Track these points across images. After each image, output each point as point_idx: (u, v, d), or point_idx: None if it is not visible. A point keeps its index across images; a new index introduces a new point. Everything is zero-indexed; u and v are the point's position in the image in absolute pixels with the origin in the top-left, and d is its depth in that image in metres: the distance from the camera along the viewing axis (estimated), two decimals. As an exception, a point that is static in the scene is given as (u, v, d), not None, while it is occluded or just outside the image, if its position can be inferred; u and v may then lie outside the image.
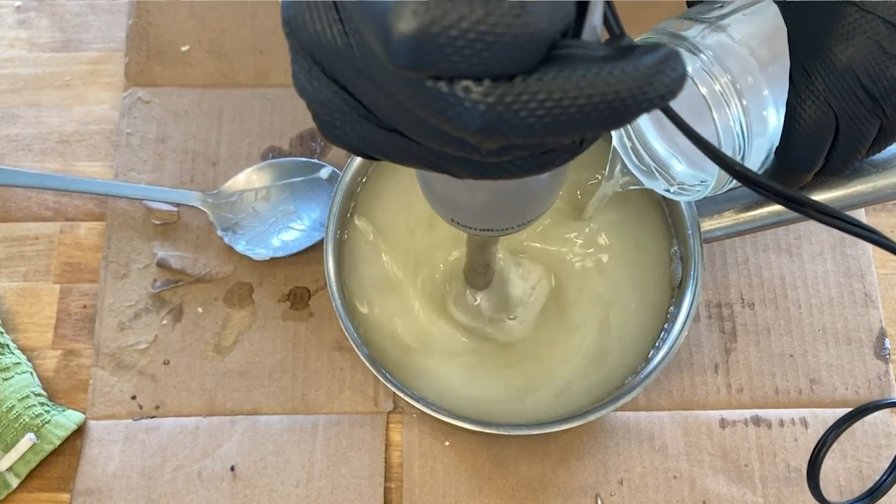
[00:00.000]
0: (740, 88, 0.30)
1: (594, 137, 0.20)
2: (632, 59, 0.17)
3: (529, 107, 0.17)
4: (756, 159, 0.32)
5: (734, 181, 0.33)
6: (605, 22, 0.20)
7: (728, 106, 0.30)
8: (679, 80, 0.18)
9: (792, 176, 0.33)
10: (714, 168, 0.32)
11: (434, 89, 0.17)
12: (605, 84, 0.17)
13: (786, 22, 0.31)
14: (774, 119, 0.31)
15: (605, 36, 0.20)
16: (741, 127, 0.30)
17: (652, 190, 0.38)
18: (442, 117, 0.18)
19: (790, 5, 0.31)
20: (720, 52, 0.30)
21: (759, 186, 0.23)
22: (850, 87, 0.30)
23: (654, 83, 0.17)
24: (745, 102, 0.30)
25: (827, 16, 0.30)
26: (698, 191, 0.34)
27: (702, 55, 0.30)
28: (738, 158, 0.31)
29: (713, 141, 0.31)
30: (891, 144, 0.32)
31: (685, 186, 0.35)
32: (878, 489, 0.40)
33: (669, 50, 0.18)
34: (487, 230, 0.29)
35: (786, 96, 0.31)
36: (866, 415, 0.39)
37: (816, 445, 0.38)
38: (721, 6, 0.32)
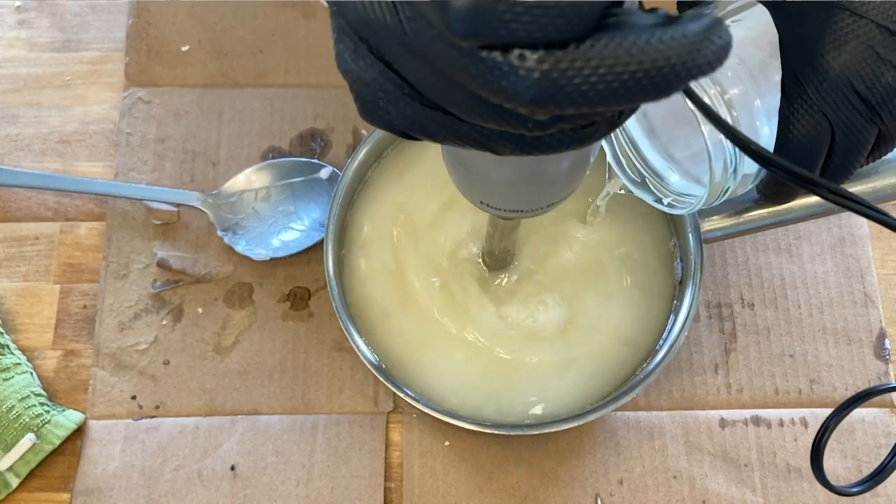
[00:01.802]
0: (730, 99, 0.29)
1: (633, 109, 0.21)
2: (679, 27, 0.17)
3: (583, 73, 0.17)
4: (750, 170, 0.32)
5: (726, 194, 0.32)
6: None
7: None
8: (725, 47, 0.18)
9: (785, 191, 0.33)
10: (707, 179, 0.31)
11: (488, 59, 0.17)
12: (656, 51, 0.17)
13: (777, 28, 0.30)
14: (767, 129, 0.31)
15: None
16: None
17: None
18: (495, 87, 0.18)
19: (781, 11, 0.30)
20: None
21: (771, 165, 0.23)
22: (844, 95, 0.29)
23: (701, 50, 0.17)
24: (735, 114, 0.30)
25: (819, 21, 0.29)
26: (691, 203, 0.34)
27: None
28: (730, 171, 0.31)
29: (703, 154, 0.31)
30: (891, 151, 0.31)
31: (678, 199, 0.35)
32: (881, 473, 0.40)
33: (714, 18, 0.18)
34: (517, 211, 0.29)
35: (778, 105, 0.30)
36: (870, 398, 0.38)
37: (819, 431, 0.38)
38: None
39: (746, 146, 0.22)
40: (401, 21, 0.19)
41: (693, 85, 0.29)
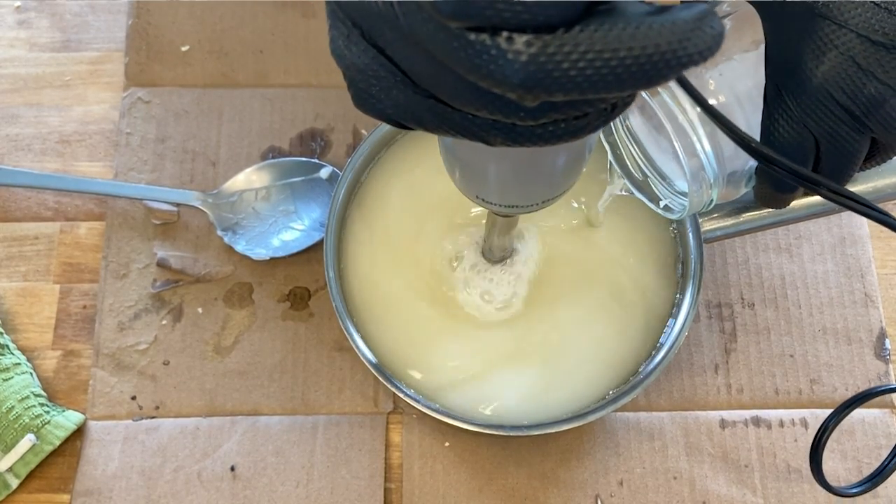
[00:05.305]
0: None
1: (626, 102, 0.20)
2: (670, 15, 0.17)
3: (571, 58, 0.17)
4: (741, 175, 0.31)
5: (711, 204, 0.32)
6: None
7: (694, 131, 0.29)
8: (717, 37, 0.17)
9: (777, 196, 0.32)
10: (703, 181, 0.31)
11: (476, 42, 0.17)
12: (646, 38, 0.17)
13: (764, 34, 0.30)
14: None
15: None
16: (705, 152, 0.29)
17: None
18: (483, 70, 0.17)
19: (767, 15, 0.29)
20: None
21: (771, 162, 0.22)
22: (825, 106, 0.28)
23: (692, 39, 0.17)
24: (710, 128, 0.29)
25: (801, 29, 0.28)
26: (685, 208, 0.34)
27: None
28: (709, 182, 0.30)
29: (678, 166, 0.30)
30: (891, 158, 0.30)
31: (676, 202, 0.35)
32: (880, 474, 0.40)
33: (706, 7, 0.18)
34: (512, 206, 0.29)
35: (760, 117, 0.30)
36: (869, 399, 0.38)
37: (818, 432, 0.38)
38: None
39: (745, 143, 0.22)
40: (392, 5, 0.19)
41: (668, 100, 0.29)
